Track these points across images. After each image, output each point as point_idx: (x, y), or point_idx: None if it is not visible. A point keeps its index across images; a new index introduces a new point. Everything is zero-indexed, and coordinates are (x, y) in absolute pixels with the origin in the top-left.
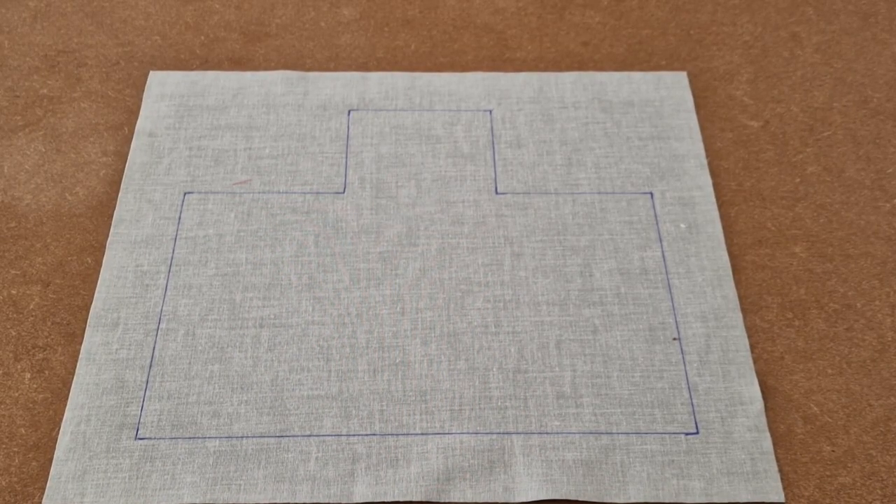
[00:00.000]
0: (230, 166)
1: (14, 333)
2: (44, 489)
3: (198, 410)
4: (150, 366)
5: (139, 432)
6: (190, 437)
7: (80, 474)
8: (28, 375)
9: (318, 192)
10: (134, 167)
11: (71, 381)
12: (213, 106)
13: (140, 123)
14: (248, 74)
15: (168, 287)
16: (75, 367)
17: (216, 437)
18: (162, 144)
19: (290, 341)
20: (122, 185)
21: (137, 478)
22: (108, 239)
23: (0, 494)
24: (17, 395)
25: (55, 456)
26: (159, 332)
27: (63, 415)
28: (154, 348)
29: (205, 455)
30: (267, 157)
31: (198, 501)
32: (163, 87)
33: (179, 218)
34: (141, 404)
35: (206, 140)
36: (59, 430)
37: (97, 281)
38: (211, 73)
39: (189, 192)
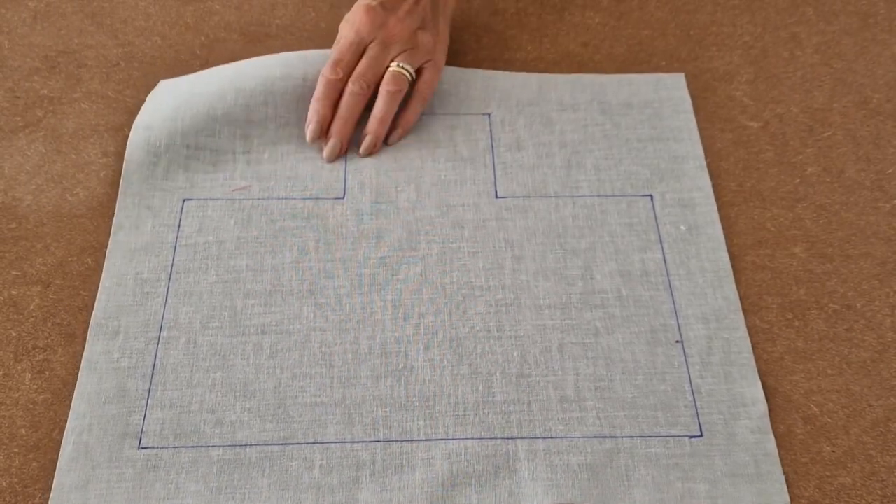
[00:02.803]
0: (229, 172)
1: (14, 334)
2: (44, 490)
3: (200, 419)
4: (152, 374)
5: (142, 441)
6: (193, 446)
7: (83, 484)
8: (28, 376)
9: (317, 198)
10: (131, 168)
11: (71, 382)
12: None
13: (138, 118)
14: (245, 64)
15: (168, 295)
16: (76, 367)
17: (220, 446)
18: (158, 139)
19: (292, 348)
20: (121, 189)
21: (141, 487)
22: (108, 246)
23: (1, 495)
24: (17, 395)
25: (58, 465)
26: (160, 341)
27: (63, 416)
28: (155, 356)
29: (208, 464)
30: (266, 162)
31: None
32: (170, 91)
33: (179, 225)
34: (143, 413)
35: (203, 137)
36: (59, 430)
37: (97, 283)
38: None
39: (188, 199)
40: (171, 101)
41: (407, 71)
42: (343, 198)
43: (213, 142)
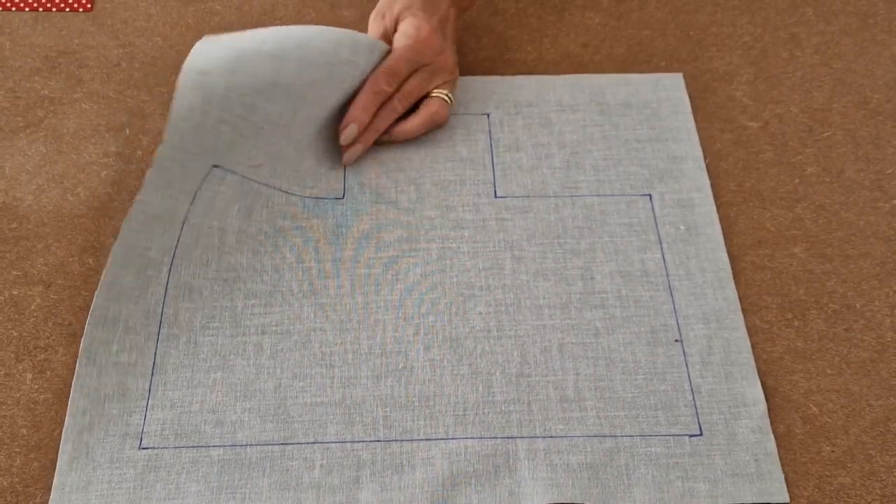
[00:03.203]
0: (251, 144)
1: (15, 334)
2: (45, 489)
3: (201, 419)
4: (153, 373)
5: (143, 442)
6: (194, 446)
7: (84, 485)
8: (29, 376)
9: (317, 198)
10: (181, 113)
11: (72, 382)
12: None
13: (188, 62)
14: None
15: (169, 285)
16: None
17: (220, 446)
18: (216, 86)
19: (292, 348)
20: (167, 137)
21: (142, 487)
22: (132, 207)
23: (2, 495)
24: (18, 395)
25: (58, 465)
26: (160, 338)
27: (64, 415)
28: (155, 354)
29: (209, 464)
30: (280, 138)
31: None
32: (226, 42)
33: (195, 195)
34: (144, 413)
35: (260, 99)
36: (60, 430)
37: (99, 281)
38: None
39: (216, 166)
40: (229, 53)
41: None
42: (343, 198)
43: (266, 107)
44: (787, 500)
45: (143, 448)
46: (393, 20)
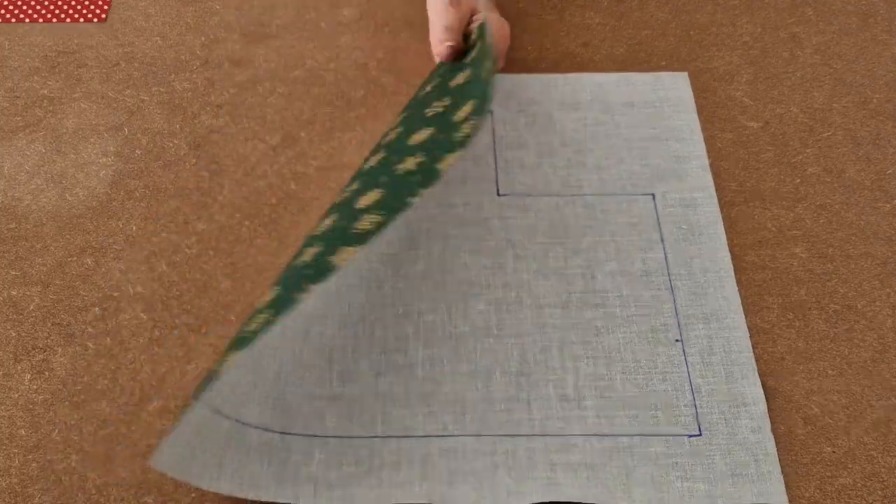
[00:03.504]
0: None
1: (14, 334)
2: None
3: (227, 380)
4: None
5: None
6: (234, 419)
7: (172, 436)
8: (28, 376)
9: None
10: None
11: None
12: None
13: None
14: None
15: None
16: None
17: (228, 418)
18: None
19: (293, 337)
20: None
21: (185, 457)
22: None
23: (0, 495)
24: (16, 396)
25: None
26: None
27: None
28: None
29: (217, 435)
30: None
31: (203, 486)
32: None
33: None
34: (223, 360)
35: None
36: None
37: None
38: None
39: None
40: None
41: None
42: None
43: None
44: (786, 501)
45: (194, 397)
46: (469, 10)
